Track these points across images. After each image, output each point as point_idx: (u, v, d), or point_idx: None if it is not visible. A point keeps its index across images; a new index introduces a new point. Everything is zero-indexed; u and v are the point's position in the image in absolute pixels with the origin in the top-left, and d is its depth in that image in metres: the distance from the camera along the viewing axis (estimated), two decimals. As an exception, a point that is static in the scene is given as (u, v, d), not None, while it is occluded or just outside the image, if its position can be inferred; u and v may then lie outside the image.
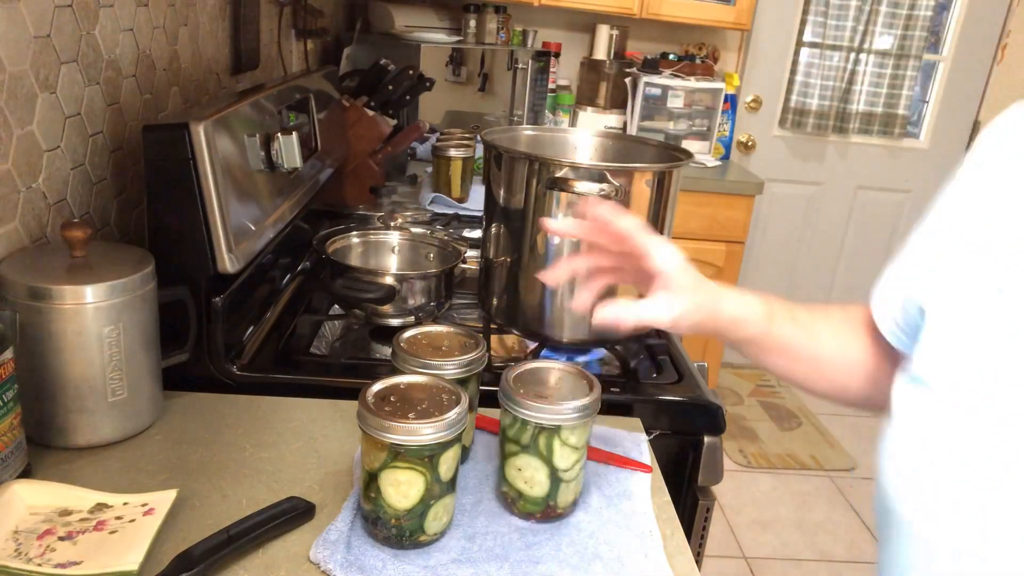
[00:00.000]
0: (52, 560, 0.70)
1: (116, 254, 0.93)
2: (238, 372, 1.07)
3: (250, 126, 1.14)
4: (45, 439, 0.87)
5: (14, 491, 0.76)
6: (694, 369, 1.23)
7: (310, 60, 2.28)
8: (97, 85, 1.07)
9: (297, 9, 2.10)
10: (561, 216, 1.10)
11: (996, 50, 3.35)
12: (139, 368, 0.90)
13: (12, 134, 0.89)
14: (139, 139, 0.98)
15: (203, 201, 0.98)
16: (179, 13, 1.34)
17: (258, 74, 1.80)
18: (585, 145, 1.36)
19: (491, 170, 1.18)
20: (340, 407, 1.03)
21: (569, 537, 0.83)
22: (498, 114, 2.74)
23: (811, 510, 2.69)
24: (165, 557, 0.71)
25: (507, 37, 2.86)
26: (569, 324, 1.16)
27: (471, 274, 1.41)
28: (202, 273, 1.00)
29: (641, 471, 0.96)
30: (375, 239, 1.36)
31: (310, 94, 1.48)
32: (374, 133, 1.88)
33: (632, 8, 2.84)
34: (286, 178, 1.26)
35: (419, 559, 0.77)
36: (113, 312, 0.85)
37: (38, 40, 0.92)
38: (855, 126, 3.35)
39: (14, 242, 0.91)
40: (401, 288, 1.19)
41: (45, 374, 0.84)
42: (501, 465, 0.86)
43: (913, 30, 3.22)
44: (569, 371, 0.89)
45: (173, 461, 0.89)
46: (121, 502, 0.78)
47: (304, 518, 0.81)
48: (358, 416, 0.75)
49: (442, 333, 0.94)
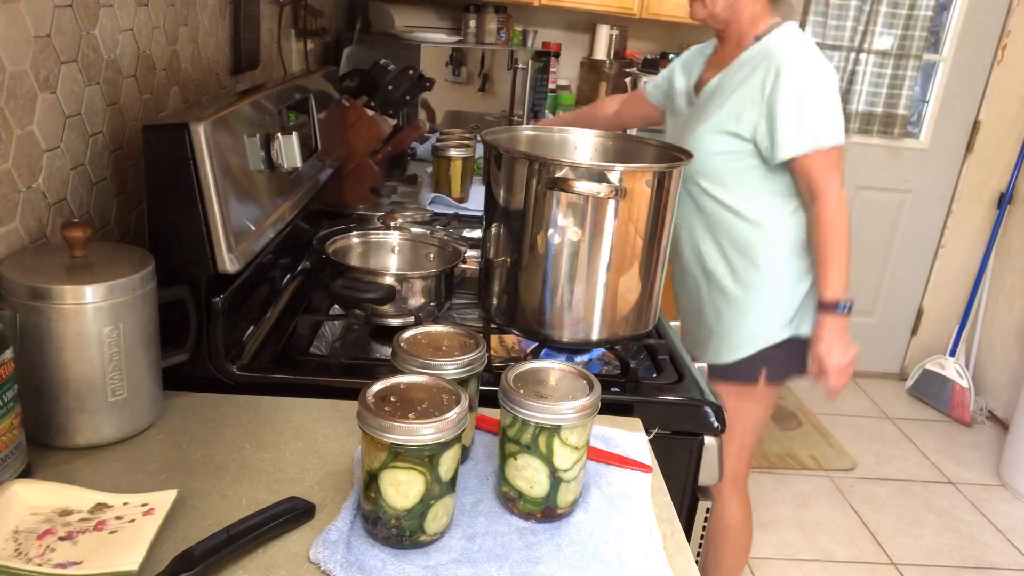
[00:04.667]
0: (52, 560, 0.70)
1: (116, 254, 0.93)
2: (238, 372, 1.07)
3: (250, 126, 1.14)
4: (45, 439, 0.87)
5: (14, 491, 0.76)
6: (694, 369, 1.23)
7: (310, 60, 2.28)
8: (97, 85, 1.07)
9: (297, 9, 2.10)
10: (561, 217, 1.10)
11: (996, 50, 3.35)
12: (139, 368, 0.90)
13: (12, 134, 0.89)
14: (139, 139, 0.98)
15: (203, 201, 0.98)
16: (179, 13, 1.34)
17: (258, 74, 1.80)
18: (585, 145, 1.36)
19: (491, 170, 1.18)
20: (340, 407, 1.03)
21: (569, 537, 0.83)
22: (498, 114, 2.74)
23: (811, 510, 2.69)
24: (165, 557, 0.71)
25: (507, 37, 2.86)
26: (569, 324, 1.16)
27: (471, 274, 1.41)
28: (202, 273, 1.00)
29: (641, 471, 0.96)
30: (375, 239, 1.36)
31: (310, 94, 1.48)
32: (374, 133, 1.88)
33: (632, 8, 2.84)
34: (286, 178, 1.26)
35: (419, 559, 0.77)
36: (113, 312, 0.85)
37: (38, 40, 0.92)
38: (855, 126, 3.35)
39: (14, 242, 0.91)
40: (401, 288, 1.19)
41: (45, 374, 0.84)
42: (501, 465, 0.86)
43: (913, 30, 3.22)
44: (569, 371, 0.89)
45: (173, 461, 0.89)
46: (121, 502, 0.78)
47: (304, 518, 0.80)
48: (358, 416, 0.75)
49: (442, 333, 0.94)
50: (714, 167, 1.53)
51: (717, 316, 1.64)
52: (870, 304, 3.64)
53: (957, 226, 3.54)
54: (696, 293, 1.68)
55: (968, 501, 2.84)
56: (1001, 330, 3.42)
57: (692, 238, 1.64)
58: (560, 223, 1.10)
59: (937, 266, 3.62)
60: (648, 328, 1.22)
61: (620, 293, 1.15)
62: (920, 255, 3.61)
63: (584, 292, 1.13)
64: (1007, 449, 2.99)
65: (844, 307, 1.51)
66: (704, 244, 1.61)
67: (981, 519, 2.74)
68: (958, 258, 3.59)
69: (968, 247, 3.56)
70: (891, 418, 3.40)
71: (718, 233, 1.59)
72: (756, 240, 1.56)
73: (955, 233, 3.56)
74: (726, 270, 1.60)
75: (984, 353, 3.50)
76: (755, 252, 1.57)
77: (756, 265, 1.57)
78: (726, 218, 1.57)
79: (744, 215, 1.55)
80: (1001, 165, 3.44)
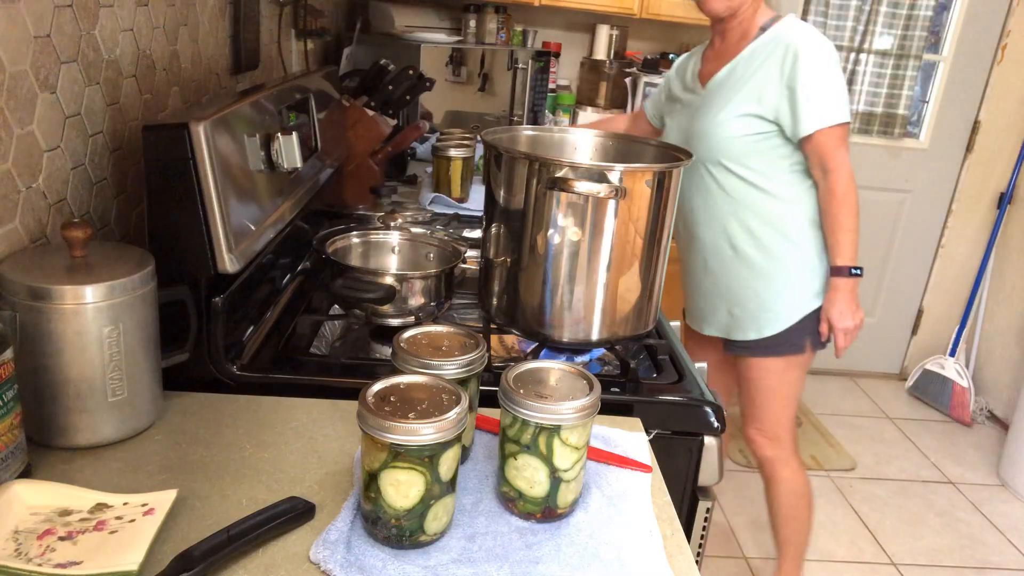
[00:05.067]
0: (52, 560, 0.70)
1: (116, 254, 0.93)
2: (238, 372, 1.07)
3: (250, 126, 1.14)
4: (45, 439, 0.87)
5: (14, 491, 0.76)
6: (694, 369, 1.23)
7: (310, 60, 2.28)
8: (97, 85, 1.07)
9: (297, 9, 2.10)
10: (561, 217, 1.10)
11: (996, 50, 3.34)
12: (139, 368, 0.90)
13: (12, 134, 0.89)
14: (139, 139, 0.98)
15: (203, 201, 0.98)
16: (179, 13, 1.34)
17: (258, 74, 1.80)
18: (585, 145, 1.36)
19: (491, 170, 1.18)
20: (340, 407, 1.03)
21: (569, 537, 0.83)
22: (498, 114, 2.74)
23: (811, 510, 2.69)
24: (165, 557, 0.71)
25: (507, 37, 2.86)
26: (569, 324, 1.16)
27: (471, 274, 1.41)
28: (202, 273, 1.00)
29: (641, 471, 0.96)
30: (375, 239, 1.36)
31: (310, 94, 1.48)
32: (374, 133, 1.88)
33: (632, 8, 2.84)
34: (286, 178, 1.26)
35: (419, 559, 0.77)
36: (113, 312, 0.85)
37: (38, 40, 0.92)
38: (855, 126, 3.34)
39: (14, 242, 0.91)
40: (401, 288, 1.19)
41: (45, 374, 0.84)
42: (501, 465, 0.86)
43: (913, 30, 3.22)
44: (569, 371, 0.89)
45: (173, 461, 0.89)
46: (121, 502, 0.78)
47: (304, 518, 0.81)
48: (358, 416, 0.75)
49: (442, 333, 0.94)
50: (738, 148, 1.61)
51: (752, 293, 1.70)
52: (870, 304, 3.64)
53: (957, 226, 3.54)
54: (725, 275, 1.72)
55: (968, 501, 2.84)
56: (1001, 330, 3.42)
57: (716, 220, 1.69)
58: (560, 223, 1.10)
59: (937, 266, 3.62)
60: (648, 328, 1.22)
61: (620, 293, 1.15)
62: (920, 255, 3.61)
63: (584, 292, 1.13)
64: (1007, 449, 2.99)
65: (856, 271, 1.62)
66: (731, 225, 1.67)
67: (981, 519, 2.74)
68: (958, 258, 3.58)
69: (968, 247, 3.56)
70: (891, 418, 3.40)
71: (745, 212, 1.65)
72: (785, 214, 1.65)
73: (955, 233, 3.55)
74: (757, 247, 1.67)
75: (984, 353, 3.50)
76: (785, 226, 1.65)
77: (787, 238, 1.65)
78: (753, 196, 1.64)
79: (771, 192, 1.63)
80: (1001, 165, 3.44)
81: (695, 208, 1.72)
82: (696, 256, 1.77)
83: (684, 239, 1.80)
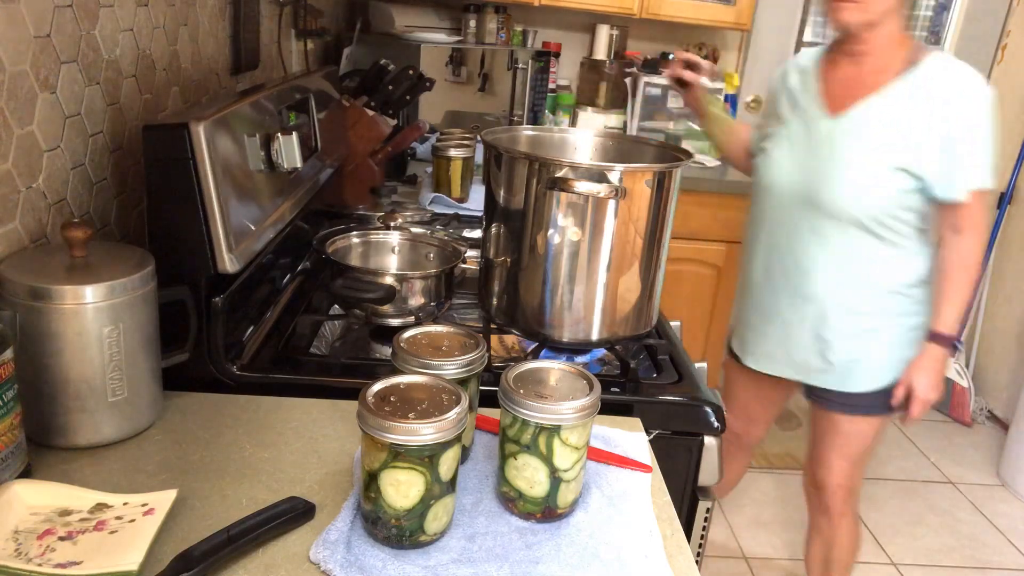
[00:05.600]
0: (52, 560, 0.70)
1: (116, 254, 0.93)
2: (238, 372, 1.07)
3: (250, 126, 1.14)
4: (45, 439, 0.87)
5: (14, 491, 0.76)
6: (694, 369, 1.23)
7: (310, 60, 2.28)
8: (97, 85, 1.07)
9: (297, 9, 2.10)
10: (561, 217, 1.10)
11: (996, 50, 3.35)
12: (139, 368, 0.90)
13: (12, 134, 0.89)
14: (139, 139, 0.98)
15: (203, 201, 0.98)
16: (179, 13, 1.34)
17: (258, 74, 1.80)
18: (585, 145, 1.36)
19: (491, 170, 1.18)
20: (340, 407, 1.03)
21: (569, 537, 0.83)
22: (498, 114, 2.74)
23: (811, 510, 2.69)
24: (165, 557, 0.71)
25: (507, 37, 2.86)
26: (569, 324, 1.16)
27: (471, 274, 1.41)
28: (202, 273, 1.00)
29: (641, 471, 0.96)
30: (375, 239, 1.36)
31: (310, 94, 1.48)
32: (374, 133, 1.88)
33: (632, 8, 2.84)
34: (286, 178, 1.26)
35: (419, 559, 0.77)
36: (113, 312, 0.85)
37: (38, 40, 0.92)
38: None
39: (14, 242, 0.91)
40: (401, 288, 1.19)
41: (45, 374, 0.84)
42: (501, 465, 0.86)
43: (913, 30, 3.22)
44: (569, 371, 0.89)
45: (173, 461, 0.89)
46: (121, 502, 0.78)
47: (304, 518, 0.81)
48: (358, 416, 0.75)
49: (442, 333, 0.94)
50: (879, 204, 1.45)
51: (853, 346, 1.56)
52: (870, 304, 3.64)
53: (957, 226, 3.54)
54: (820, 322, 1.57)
55: (968, 501, 2.84)
56: (1001, 330, 3.42)
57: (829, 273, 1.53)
58: (560, 223, 1.10)
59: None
60: (648, 328, 1.22)
61: (620, 293, 1.15)
62: (920, 255, 3.61)
63: (584, 292, 1.14)
64: (1007, 449, 2.99)
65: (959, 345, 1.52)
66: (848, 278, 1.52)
67: (981, 519, 2.74)
68: (958, 258, 3.58)
69: (968, 247, 3.56)
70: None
71: (861, 264, 1.51)
72: (905, 270, 1.52)
73: (955, 233, 3.55)
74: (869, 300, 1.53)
75: (984, 353, 3.50)
76: (904, 282, 1.52)
77: (909, 297, 1.53)
78: (874, 248, 1.49)
79: (896, 244, 1.49)
80: (1001, 165, 3.44)
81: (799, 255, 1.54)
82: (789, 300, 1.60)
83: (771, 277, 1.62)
